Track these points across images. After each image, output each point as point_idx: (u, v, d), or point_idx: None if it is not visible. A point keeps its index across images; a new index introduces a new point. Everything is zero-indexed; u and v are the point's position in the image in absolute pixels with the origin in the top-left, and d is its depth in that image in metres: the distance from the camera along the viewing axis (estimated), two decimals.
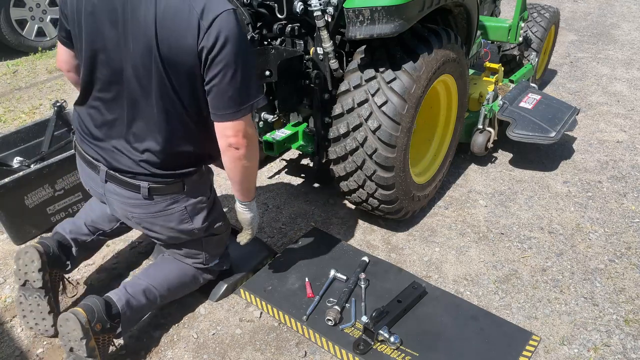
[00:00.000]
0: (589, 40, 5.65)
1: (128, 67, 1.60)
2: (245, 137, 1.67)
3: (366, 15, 2.04)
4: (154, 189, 1.76)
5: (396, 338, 1.93)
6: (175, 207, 1.83)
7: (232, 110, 1.61)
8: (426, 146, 2.86)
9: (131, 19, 1.54)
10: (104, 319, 1.79)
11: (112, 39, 1.59)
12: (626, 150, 3.44)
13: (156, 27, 1.51)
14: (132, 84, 1.62)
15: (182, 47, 1.52)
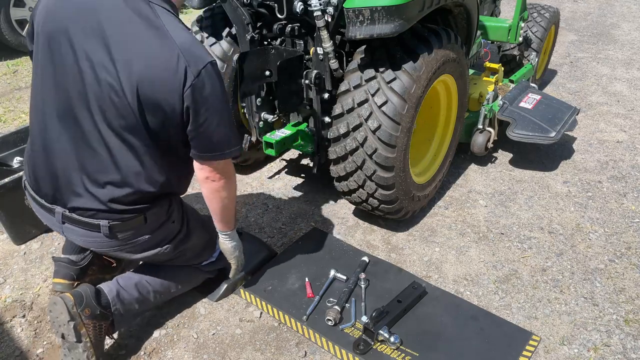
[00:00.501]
0: (589, 40, 5.65)
1: (90, 100, 1.55)
2: (224, 173, 1.76)
3: (366, 15, 2.04)
4: (115, 226, 1.71)
5: (396, 338, 1.93)
6: (139, 239, 1.79)
7: (215, 153, 1.68)
8: (426, 146, 2.86)
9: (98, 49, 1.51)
10: (92, 305, 1.78)
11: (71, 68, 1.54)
12: (626, 150, 3.44)
13: (133, 66, 1.50)
14: (91, 118, 1.57)
15: (164, 92, 1.52)
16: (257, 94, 2.65)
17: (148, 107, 1.54)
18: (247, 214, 2.81)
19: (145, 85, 1.51)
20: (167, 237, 1.88)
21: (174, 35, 1.52)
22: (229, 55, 2.64)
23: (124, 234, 1.75)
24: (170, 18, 1.57)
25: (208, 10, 2.77)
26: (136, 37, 1.51)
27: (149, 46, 1.51)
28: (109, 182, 1.65)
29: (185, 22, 1.70)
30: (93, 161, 1.63)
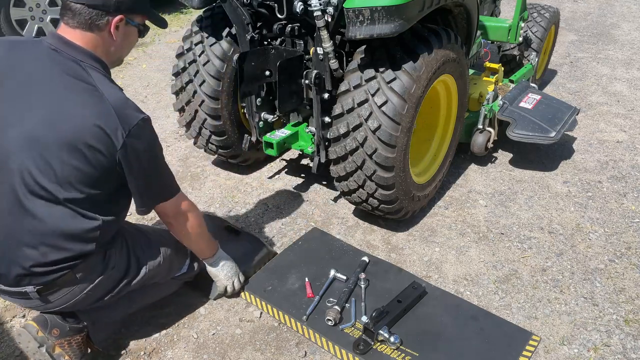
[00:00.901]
0: (589, 40, 5.65)
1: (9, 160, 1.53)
2: (177, 213, 1.82)
3: (366, 15, 2.04)
4: (42, 289, 1.64)
5: (396, 338, 1.93)
6: (78, 296, 1.71)
7: (157, 199, 1.75)
8: (426, 146, 2.86)
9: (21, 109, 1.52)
10: (59, 324, 1.74)
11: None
12: (626, 150, 3.44)
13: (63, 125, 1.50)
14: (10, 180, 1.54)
15: (95, 151, 1.52)
16: (257, 94, 2.65)
17: (78, 165, 1.53)
18: (247, 214, 2.81)
19: (76, 144, 1.50)
20: (113, 284, 1.79)
21: (107, 95, 1.54)
22: (229, 55, 2.64)
23: (56, 295, 1.67)
24: (102, 77, 1.58)
25: (208, 10, 2.77)
26: (67, 97, 1.52)
27: (80, 105, 1.52)
28: (28, 245, 1.58)
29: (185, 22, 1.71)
30: (10, 223, 1.58)
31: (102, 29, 1.59)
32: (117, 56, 1.72)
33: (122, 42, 1.68)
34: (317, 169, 2.57)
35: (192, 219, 1.87)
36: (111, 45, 1.64)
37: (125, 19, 1.62)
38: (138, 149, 1.58)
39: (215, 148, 2.91)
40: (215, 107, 2.69)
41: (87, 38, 1.59)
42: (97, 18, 1.56)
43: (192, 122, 2.82)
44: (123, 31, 1.65)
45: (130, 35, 1.70)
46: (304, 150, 2.73)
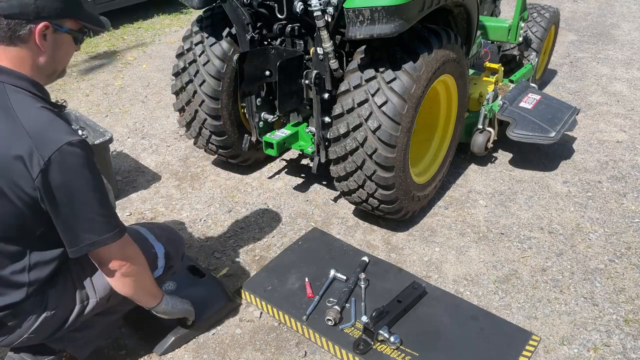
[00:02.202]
0: (589, 40, 5.65)
1: None
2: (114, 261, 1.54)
3: (366, 15, 2.04)
4: None
5: (396, 338, 1.93)
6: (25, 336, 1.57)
7: (86, 243, 1.45)
8: (426, 146, 2.86)
9: None
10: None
11: None
12: (626, 150, 3.44)
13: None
14: None
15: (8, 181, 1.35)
16: (257, 94, 2.65)
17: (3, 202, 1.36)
18: (247, 213, 2.81)
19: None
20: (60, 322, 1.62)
21: (22, 117, 1.34)
22: (229, 55, 2.64)
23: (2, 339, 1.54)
24: (23, 97, 1.39)
25: (208, 10, 2.77)
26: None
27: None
28: None
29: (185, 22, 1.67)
30: None
31: (25, 40, 1.38)
32: (52, 69, 1.49)
33: (54, 52, 1.45)
34: (317, 169, 2.57)
35: (136, 266, 1.59)
36: (40, 57, 1.43)
37: (52, 25, 1.40)
38: (60, 176, 1.35)
39: (215, 148, 2.91)
40: (215, 107, 2.70)
41: (11, 54, 1.39)
42: (17, 29, 1.36)
43: (192, 122, 2.82)
44: (52, 40, 1.43)
45: (62, 44, 1.47)
46: (304, 150, 2.73)
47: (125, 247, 1.56)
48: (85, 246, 1.45)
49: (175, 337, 2.00)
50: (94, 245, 1.46)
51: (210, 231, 2.67)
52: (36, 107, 1.39)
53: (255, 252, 2.52)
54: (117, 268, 1.55)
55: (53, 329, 1.62)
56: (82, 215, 1.42)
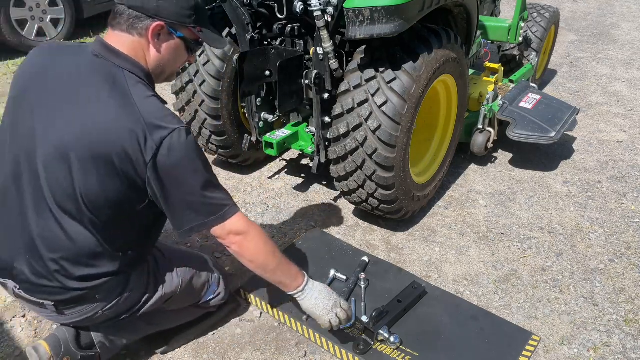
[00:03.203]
0: (589, 40, 5.65)
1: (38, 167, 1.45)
2: (230, 236, 1.58)
3: (366, 15, 2.04)
4: (60, 304, 1.58)
5: (396, 338, 1.93)
6: (93, 313, 1.64)
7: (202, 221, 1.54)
8: (426, 146, 2.86)
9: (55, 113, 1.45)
10: (72, 351, 1.67)
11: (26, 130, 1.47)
12: (626, 150, 3.44)
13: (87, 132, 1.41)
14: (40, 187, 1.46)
15: (122, 163, 1.42)
16: (257, 94, 2.65)
17: (105, 180, 1.44)
18: (247, 213, 2.81)
19: (104, 156, 1.41)
20: (129, 306, 1.71)
21: (138, 102, 1.43)
22: (229, 55, 2.64)
23: (72, 310, 1.61)
24: (138, 84, 1.48)
25: (208, 10, 2.77)
26: (100, 106, 1.42)
27: (112, 115, 1.41)
28: (56, 262, 1.51)
29: None
30: (47, 236, 1.50)
31: (141, 34, 1.47)
32: (160, 69, 1.57)
33: (165, 54, 1.53)
34: (317, 169, 2.57)
35: (257, 241, 1.63)
36: (151, 54, 1.52)
37: (167, 27, 1.48)
38: (169, 162, 1.43)
39: (215, 148, 2.91)
40: (215, 107, 2.70)
41: (128, 41, 1.48)
42: (136, 21, 1.45)
43: (192, 122, 2.82)
44: (165, 41, 1.51)
45: (173, 48, 1.54)
46: (304, 150, 2.73)
47: (233, 228, 1.57)
48: (195, 227, 1.53)
49: (176, 336, 1.99)
50: (200, 227, 1.54)
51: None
52: (149, 94, 1.48)
53: None
54: (228, 245, 1.60)
55: (119, 313, 1.70)
56: (189, 198, 1.49)
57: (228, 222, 1.56)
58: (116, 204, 1.49)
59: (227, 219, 1.55)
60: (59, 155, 1.43)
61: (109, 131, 1.41)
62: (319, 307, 1.74)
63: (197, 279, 1.90)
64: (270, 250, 1.68)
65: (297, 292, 1.75)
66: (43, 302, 1.58)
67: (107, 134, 1.41)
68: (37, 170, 1.47)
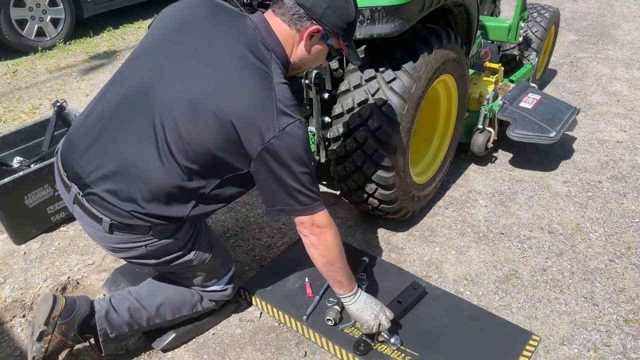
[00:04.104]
0: (589, 40, 5.65)
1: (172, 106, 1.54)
2: (311, 229, 1.69)
3: (366, 15, 2.04)
4: (117, 225, 1.65)
5: (396, 339, 1.92)
6: (136, 245, 1.71)
7: (290, 208, 1.64)
8: (426, 146, 2.86)
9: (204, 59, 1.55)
10: (73, 327, 1.72)
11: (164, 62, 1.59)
12: (626, 150, 3.44)
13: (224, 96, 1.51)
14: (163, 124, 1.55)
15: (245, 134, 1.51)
16: None
17: (216, 141, 1.53)
18: (247, 213, 2.81)
19: (226, 121, 1.50)
20: (165, 253, 1.78)
21: (276, 85, 1.54)
22: None
23: (120, 235, 1.68)
24: (279, 70, 1.59)
25: None
26: (242, 75, 1.53)
27: (249, 88, 1.52)
28: (138, 189, 1.60)
29: None
30: (138, 163, 1.59)
31: (299, 30, 1.61)
32: (299, 65, 1.70)
33: (310, 53, 1.67)
34: (317, 169, 2.56)
35: (330, 242, 1.73)
36: (299, 49, 1.65)
37: (323, 33, 1.62)
38: (283, 148, 1.52)
39: None
40: None
41: (285, 31, 1.61)
42: (299, 18, 1.59)
43: None
44: (315, 43, 1.66)
45: (319, 51, 1.69)
46: None
47: (317, 221, 1.67)
48: (286, 210, 1.64)
49: (176, 334, 1.99)
50: (290, 212, 1.65)
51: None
52: (284, 81, 1.58)
53: (255, 252, 2.52)
54: (307, 234, 1.70)
55: (156, 256, 1.77)
56: (290, 184, 1.58)
57: (316, 215, 1.66)
58: (219, 163, 1.59)
59: (316, 212, 1.66)
60: (186, 101, 1.52)
61: (243, 100, 1.50)
62: (367, 311, 1.85)
63: (220, 265, 1.97)
64: (341, 250, 1.78)
65: (350, 294, 1.85)
66: (102, 217, 1.64)
67: (240, 101, 1.50)
68: (157, 105, 1.55)
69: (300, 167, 1.57)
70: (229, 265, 2.02)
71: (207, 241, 1.90)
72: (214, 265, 1.94)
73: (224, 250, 2.04)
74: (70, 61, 5.20)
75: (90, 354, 1.95)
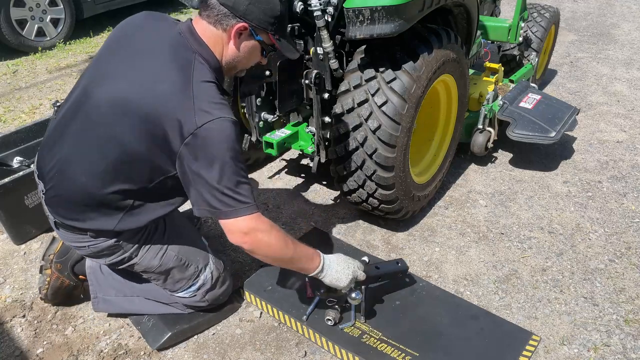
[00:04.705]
0: (589, 40, 5.65)
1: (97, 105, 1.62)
2: (244, 234, 1.62)
3: (366, 15, 2.04)
4: (59, 224, 1.79)
5: (357, 294, 1.92)
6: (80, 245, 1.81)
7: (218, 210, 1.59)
8: (426, 146, 2.86)
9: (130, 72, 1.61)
10: (67, 266, 2.05)
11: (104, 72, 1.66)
12: (626, 150, 3.44)
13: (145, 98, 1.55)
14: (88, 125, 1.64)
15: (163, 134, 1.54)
16: (257, 94, 2.65)
17: (143, 142, 1.57)
18: None
19: (150, 121, 1.54)
20: (109, 254, 1.83)
21: (195, 84, 1.55)
22: None
23: (67, 234, 1.80)
24: (204, 69, 1.60)
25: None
26: (164, 77, 1.56)
27: (169, 88, 1.54)
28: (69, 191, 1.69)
29: None
30: (70, 166, 1.68)
31: (225, 29, 1.62)
32: (233, 64, 1.71)
33: (241, 52, 1.67)
34: (317, 169, 2.56)
35: (263, 246, 1.66)
36: (229, 49, 1.66)
37: (250, 29, 1.63)
38: (204, 147, 1.51)
39: None
40: None
41: (211, 32, 1.63)
42: (224, 18, 1.60)
43: None
44: (244, 41, 1.66)
45: (251, 49, 1.69)
46: (304, 150, 2.73)
47: (243, 227, 1.61)
48: (207, 211, 1.59)
49: (171, 332, 1.98)
50: (212, 213, 1.59)
51: (210, 231, 2.68)
52: (209, 80, 1.59)
53: None
54: (239, 243, 1.64)
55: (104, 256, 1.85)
56: (206, 183, 1.54)
57: (241, 219, 1.59)
58: (147, 163, 1.61)
59: (240, 216, 1.58)
60: (113, 104, 1.58)
61: (162, 98, 1.53)
62: (341, 279, 1.85)
63: (179, 272, 1.93)
64: (283, 243, 1.70)
65: (317, 272, 1.83)
66: (48, 214, 1.79)
67: (161, 102, 1.53)
68: (89, 108, 1.63)
69: (222, 166, 1.53)
70: (197, 274, 1.96)
71: (157, 249, 1.87)
72: (170, 273, 1.92)
73: (191, 258, 1.96)
74: (70, 61, 5.20)
75: None
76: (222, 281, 2.05)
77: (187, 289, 1.98)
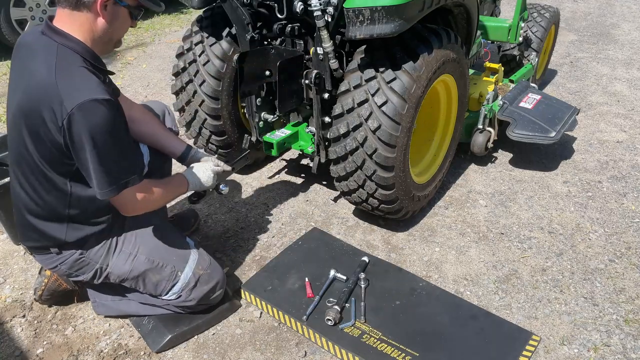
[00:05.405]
0: (589, 40, 5.65)
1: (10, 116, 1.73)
2: (124, 206, 1.77)
3: (366, 15, 2.04)
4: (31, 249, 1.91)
5: (224, 186, 2.15)
6: (53, 265, 1.91)
7: (100, 190, 1.65)
8: (426, 146, 2.86)
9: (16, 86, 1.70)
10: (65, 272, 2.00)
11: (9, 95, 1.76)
12: (626, 150, 3.44)
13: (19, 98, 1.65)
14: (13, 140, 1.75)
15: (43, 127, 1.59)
16: (257, 94, 2.65)
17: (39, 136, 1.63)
18: (247, 213, 2.81)
19: (32, 118, 1.60)
20: (80, 269, 1.92)
21: (58, 72, 1.56)
22: (229, 55, 2.64)
23: (41, 257, 1.90)
24: (68, 56, 1.60)
25: (208, 10, 2.77)
26: (35, 73, 1.60)
27: (36, 82, 1.59)
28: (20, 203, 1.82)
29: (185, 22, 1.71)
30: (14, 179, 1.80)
31: (89, 7, 1.59)
32: (108, 37, 1.69)
33: (111, 22, 1.66)
34: (317, 169, 2.57)
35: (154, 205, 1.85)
36: (98, 24, 1.64)
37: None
38: (77, 129, 1.55)
39: (215, 148, 2.91)
40: (215, 107, 2.70)
41: (74, 17, 1.61)
42: None
43: (192, 122, 2.82)
44: (111, 11, 1.63)
45: (120, 17, 1.67)
46: (304, 150, 2.73)
47: (121, 202, 1.75)
48: (99, 193, 1.65)
49: (172, 334, 1.99)
50: (107, 193, 1.65)
51: (210, 231, 2.68)
52: (76, 65, 1.60)
53: (255, 252, 2.52)
54: (127, 212, 1.80)
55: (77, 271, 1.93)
56: (93, 165, 1.60)
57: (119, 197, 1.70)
58: (59, 157, 1.65)
59: (127, 189, 1.69)
60: (14, 119, 1.69)
61: (35, 98, 1.58)
62: (206, 180, 2.03)
63: (155, 274, 1.95)
64: (165, 197, 1.89)
65: (188, 189, 2.01)
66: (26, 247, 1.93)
67: (34, 101, 1.58)
68: (9, 120, 1.75)
69: (96, 147, 1.57)
70: (175, 274, 1.96)
71: (126, 255, 1.92)
72: (146, 277, 1.94)
73: (167, 259, 1.96)
74: None
75: None
76: (208, 278, 2.01)
77: (170, 291, 1.97)
